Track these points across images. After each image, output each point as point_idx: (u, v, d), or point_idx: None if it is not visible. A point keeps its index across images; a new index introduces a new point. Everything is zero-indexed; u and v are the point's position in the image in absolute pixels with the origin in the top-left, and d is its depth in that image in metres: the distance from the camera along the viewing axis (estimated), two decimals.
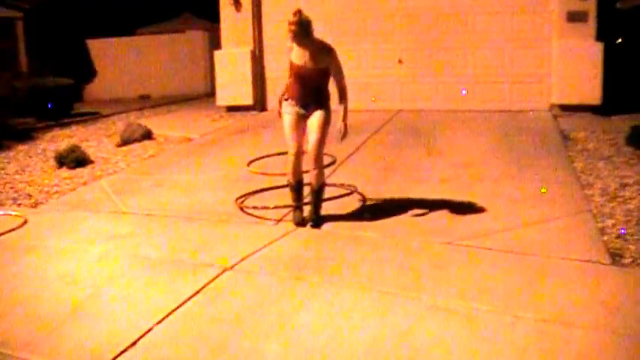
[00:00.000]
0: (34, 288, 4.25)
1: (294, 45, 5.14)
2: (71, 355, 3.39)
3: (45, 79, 13.02)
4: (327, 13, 10.94)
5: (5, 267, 4.68)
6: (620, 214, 5.23)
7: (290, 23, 4.98)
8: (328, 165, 6.03)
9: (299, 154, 5.32)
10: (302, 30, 4.98)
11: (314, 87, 5.22)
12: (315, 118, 5.22)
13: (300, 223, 5.33)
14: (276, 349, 3.33)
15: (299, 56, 5.15)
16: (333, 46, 5.22)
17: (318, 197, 5.37)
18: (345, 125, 5.26)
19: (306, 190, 5.53)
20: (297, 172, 5.40)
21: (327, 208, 5.51)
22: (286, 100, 5.33)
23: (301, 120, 5.28)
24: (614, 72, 10.19)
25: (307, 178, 5.44)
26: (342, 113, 5.25)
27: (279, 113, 5.39)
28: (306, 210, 5.47)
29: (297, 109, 5.25)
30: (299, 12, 4.98)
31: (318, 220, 5.32)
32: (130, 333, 3.53)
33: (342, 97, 5.26)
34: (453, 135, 8.77)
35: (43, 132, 11.16)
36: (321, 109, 5.23)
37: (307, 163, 5.35)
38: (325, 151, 5.48)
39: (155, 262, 4.60)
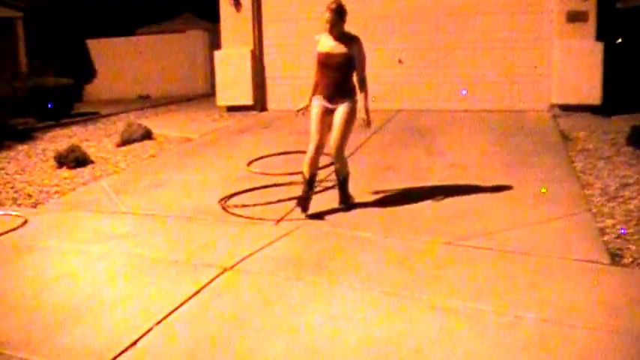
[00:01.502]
0: (34, 288, 4.25)
1: (322, 37, 5.44)
2: (71, 355, 3.39)
3: (45, 79, 13.00)
4: None
5: (5, 267, 4.68)
6: (620, 214, 5.23)
7: (328, 8, 5.31)
8: (328, 165, 6.05)
9: (319, 147, 5.44)
10: (339, 14, 5.33)
11: (338, 76, 5.40)
12: (340, 113, 5.40)
13: (309, 213, 5.40)
14: (276, 348, 3.33)
15: (326, 44, 5.44)
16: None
17: (343, 187, 5.63)
18: (368, 114, 5.48)
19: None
20: (314, 165, 5.47)
21: (326, 208, 5.52)
22: (315, 95, 5.52)
23: (327, 114, 5.43)
24: (614, 72, 10.19)
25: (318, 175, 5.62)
26: (363, 104, 5.48)
27: (303, 109, 5.58)
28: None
29: (323, 102, 5.43)
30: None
31: (347, 201, 5.62)
32: (130, 333, 3.53)
33: (363, 86, 5.53)
34: (453, 135, 8.77)
35: (43, 132, 11.15)
36: (345, 102, 5.39)
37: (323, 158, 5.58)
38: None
39: (155, 262, 4.61)
